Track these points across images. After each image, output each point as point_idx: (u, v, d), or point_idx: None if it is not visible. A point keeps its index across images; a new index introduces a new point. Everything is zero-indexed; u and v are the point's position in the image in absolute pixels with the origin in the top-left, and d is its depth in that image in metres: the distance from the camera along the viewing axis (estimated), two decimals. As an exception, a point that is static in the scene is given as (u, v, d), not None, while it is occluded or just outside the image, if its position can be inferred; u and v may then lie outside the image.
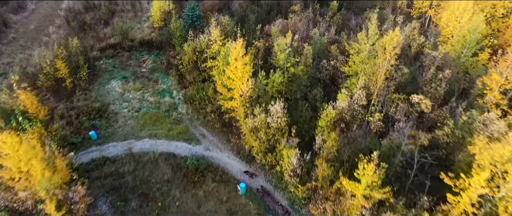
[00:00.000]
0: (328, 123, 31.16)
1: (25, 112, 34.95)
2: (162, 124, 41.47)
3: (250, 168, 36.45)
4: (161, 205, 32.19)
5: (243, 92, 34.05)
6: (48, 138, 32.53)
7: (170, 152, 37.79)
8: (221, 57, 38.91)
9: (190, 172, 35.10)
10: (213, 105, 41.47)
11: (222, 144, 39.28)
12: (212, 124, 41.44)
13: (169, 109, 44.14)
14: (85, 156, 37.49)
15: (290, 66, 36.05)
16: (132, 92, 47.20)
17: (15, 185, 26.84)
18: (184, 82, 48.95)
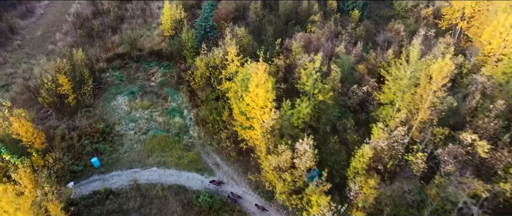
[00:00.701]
0: (364, 165, 26.88)
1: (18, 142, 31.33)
2: (172, 150, 37.52)
3: (271, 206, 32.34)
4: (171, 252, 28.32)
5: (265, 123, 29.90)
6: (43, 174, 28.73)
7: (181, 185, 33.88)
8: (238, 79, 34.84)
9: (203, 211, 31.10)
10: (229, 130, 37.41)
11: (238, 176, 35.24)
12: (226, 152, 37.37)
13: (179, 132, 40.17)
14: (86, 186, 33.80)
15: (317, 93, 31.78)
16: (139, 111, 43.37)
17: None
18: (196, 100, 44.98)
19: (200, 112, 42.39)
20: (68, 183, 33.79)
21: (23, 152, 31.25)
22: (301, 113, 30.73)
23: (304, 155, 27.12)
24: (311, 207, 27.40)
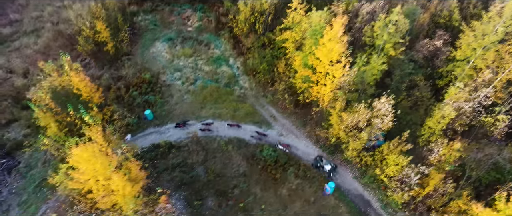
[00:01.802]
0: (444, 126, 26.33)
1: (78, 97, 29.88)
2: (225, 102, 36.50)
3: (333, 160, 32.41)
4: (244, 206, 28.71)
5: (337, 78, 28.58)
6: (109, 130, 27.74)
7: (240, 138, 33.42)
8: (298, 29, 32.74)
9: (269, 165, 31.06)
10: (285, 82, 36.06)
11: (297, 129, 34.78)
12: (282, 104, 36.46)
13: (229, 82, 38.80)
14: (144, 140, 33.22)
15: (389, 48, 30.09)
16: (182, 59, 41.38)
17: (101, 205, 23.14)
18: (241, 47, 42.91)
19: (248, 61, 40.63)
20: (125, 137, 33.19)
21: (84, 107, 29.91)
22: (375, 69, 29.31)
23: (384, 115, 26.38)
24: (386, 166, 27.44)
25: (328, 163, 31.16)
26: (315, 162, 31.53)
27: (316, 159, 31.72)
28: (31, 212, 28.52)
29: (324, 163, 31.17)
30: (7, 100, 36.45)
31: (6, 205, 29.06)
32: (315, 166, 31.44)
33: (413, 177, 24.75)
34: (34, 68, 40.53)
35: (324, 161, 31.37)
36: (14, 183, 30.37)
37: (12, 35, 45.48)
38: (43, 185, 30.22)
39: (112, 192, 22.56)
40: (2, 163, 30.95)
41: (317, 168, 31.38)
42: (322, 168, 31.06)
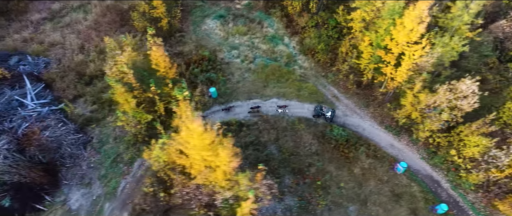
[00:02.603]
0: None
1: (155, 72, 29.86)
2: (288, 81, 36.57)
3: (400, 141, 32.90)
4: (321, 184, 29.35)
5: (415, 60, 28.63)
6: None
7: (308, 118, 33.75)
8: (369, 9, 32.45)
9: (341, 145, 31.53)
10: (348, 63, 36.06)
11: (360, 109, 35.08)
12: (344, 84, 36.62)
13: (288, 61, 38.77)
14: (211, 118, 33.46)
15: (465, 29, 30.02)
16: (237, 37, 41.14)
17: (198, 180, 23.60)
18: (294, 27, 42.62)
19: (304, 40, 40.46)
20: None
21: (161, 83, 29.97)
22: (455, 50, 29.37)
23: (467, 96, 26.67)
24: (464, 147, 27.95)
25: (328, 110, 33.12)
26: (316, 112, 33.24)
27: (316, 109, 33.39)
28: (112, 186, 29.04)
29: (325, 111, 33.02)
30: (67, 76, 36.30)
31: (88, 179, 29.56)
32: (316, 115, 33.20)
33: (504, 158, 25.31)
34: (89, 44, 40.31)
35: (325, 109, 33.19)
36: (91, 157, 30.74)
37: (60, 10, 44.89)
38: (118, 160, 30.67)
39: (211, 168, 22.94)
40: (78, 137, 31.19)
41: (318, 117, 33.18)
42: (324, 115, 32.93)
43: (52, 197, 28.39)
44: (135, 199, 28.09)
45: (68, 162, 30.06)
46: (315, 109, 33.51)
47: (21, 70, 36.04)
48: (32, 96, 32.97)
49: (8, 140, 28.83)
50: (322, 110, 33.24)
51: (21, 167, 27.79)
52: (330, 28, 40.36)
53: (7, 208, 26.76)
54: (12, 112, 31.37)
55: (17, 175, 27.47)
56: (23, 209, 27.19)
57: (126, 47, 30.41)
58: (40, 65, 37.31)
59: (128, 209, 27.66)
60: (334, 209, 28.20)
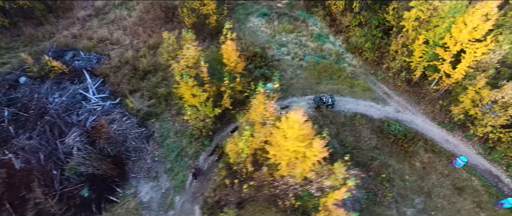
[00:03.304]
0: None
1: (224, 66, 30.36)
2: (340, 79, 37.26)
3: (454, 136, 33.66)
4: (386, 176, 30.00)
5: (477, 57, 29.48)
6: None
7: (363, 113, 34.40)
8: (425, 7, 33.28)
9: (399, 139, 32.22)
10: (398, 61, 36.81)
11: (411, 106, 35.85)
12: (394, 81, 37.40)
13: (337, 59, 39.48)
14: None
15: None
16: (284, 35, 41.77)
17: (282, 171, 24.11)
18: (338, 26, 43.37)
19: (349, 39, 41.21)
20: (251, 108, 33.85)
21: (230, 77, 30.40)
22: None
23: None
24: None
25: (328, 98, 33.69)
26: (316, 103, 33.73)
27: (316, 100, 33.92)
28: (180, 179, 29.36)
29: (325, 100, 33.56)
30: (120, 71, 36.57)
31: (154, 172, 29.84)
32: (317, 106, 33.71)
33: None
34: (137, 39, 40.67)
35: (325, 98, 33.73)
36: (154, 151, 31.03)
37: (103, 7, 45.22)
38: (183, 154, 31.01)
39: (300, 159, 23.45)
40: (141, 132, 31.49)
41: (319, 107, 33.70)
42: (325, 103, 33.45)
43: (123, 189, 28.65)
44: (205, 192, 28.45)
45: (133, 156, 30.32)
46: (314, 100, 33.93)
47: (76, 65, 36.28)
48: (93, 91, 33.21)
49: (80, 133, 29.07)
50: (322, 99, 33.62)
51: (93, 159, 28.04)
52: (373, 27, 41.24)
53: (86, 198, 27.00)
54: (77, 106, 31.59)
55: (91, 167, 27.70)
56: (99, 200, 27.42)
57: (190, 42, 30.85)
58: (92, 60, 37.57)
59: (199, 202, 28.01)
60: (400, 201, 28.85)
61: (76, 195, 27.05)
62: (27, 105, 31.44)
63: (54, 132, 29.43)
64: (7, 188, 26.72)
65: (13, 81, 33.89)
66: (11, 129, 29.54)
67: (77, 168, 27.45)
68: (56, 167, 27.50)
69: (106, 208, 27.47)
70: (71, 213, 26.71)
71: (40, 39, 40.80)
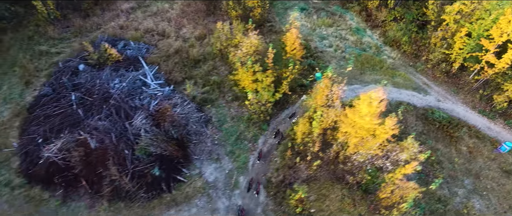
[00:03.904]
0: None
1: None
2: (382, 70, 38.95)
3: (495, 124, 35.46)
4: (435, 159, 31.64)
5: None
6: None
7: (407, 102, 36.07)
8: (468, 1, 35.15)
9: (444, 125, 33.94)
10: (437, 53, 38.60)
11: (451, 95, 37.64)
12: (432, 73, 39.21)
13: (376, 51, 41.21)
14: (318, 100, 35.44)
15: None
16: (323, 28, 43.45)
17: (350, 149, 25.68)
18: (373, 21, 45.15)
19: (386, 33, 42.98)
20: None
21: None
22: None
23: None
24: None
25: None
26: None
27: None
28: (242, 161, 30.74)
29: None
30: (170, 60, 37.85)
31: (216, 154, 31.18)
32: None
33: None
34: (182, 30, 42.07)
35: None
36: (214, 135, 32.39)
37: (144, 0, 46.42)
38: (242, 138, 32.41)
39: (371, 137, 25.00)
40: (200, 116, 32.84)
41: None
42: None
43: (188, 170, 29.95)
44: (268, 172, 29.87)
45: (194, 139, 31.62)
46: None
47: (128, 54, 37.54)
48: (151, 77, 34.50)
49: (145, 116, 30.35)
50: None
51: (160, 140, 29.31)
52: (408, 22, 43.11)
53: (156, 177, 28.26)
54: (138, 91, 32.87)
55: (159, 148, 28.97)
56: (168, 179, 28.69)
57: (251, 31, 32.45)
58: (142, 50, 38.83)
59: (263, 182, 29.40)
60: (451, 182, 30.51)
61: (147, 174, 28.29)
62: (90, 90, 32.67)
63: (121, 115, 30.68)
64: (84, 166, 27.93)
65: (74, 68, 35.07)
66: (80, 112, 30.73)
67: (147, 148, 28.71)
68: (127, 147, 28.73)
69: (175, 187, 28.76)
70: (143, 190, 27.95)
71: (88, 30, 41.99)
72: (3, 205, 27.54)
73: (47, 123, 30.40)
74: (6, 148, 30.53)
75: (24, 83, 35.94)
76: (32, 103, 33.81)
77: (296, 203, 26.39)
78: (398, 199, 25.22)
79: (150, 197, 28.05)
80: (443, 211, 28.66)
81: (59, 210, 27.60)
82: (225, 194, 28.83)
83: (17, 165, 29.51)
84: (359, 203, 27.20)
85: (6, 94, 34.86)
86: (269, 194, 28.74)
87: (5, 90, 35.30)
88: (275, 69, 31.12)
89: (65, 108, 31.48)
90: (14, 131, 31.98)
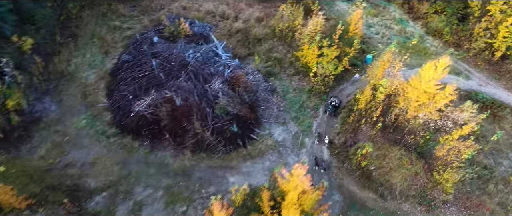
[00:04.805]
0: None
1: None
2: (426, 56, 42.29)
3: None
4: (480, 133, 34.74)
5: None
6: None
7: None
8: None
9: (487, 105, 37.12)
10: (480, 42, 41.86)
11: (492, 81, 40.80)
12: (473, 60, 42.50)
13: (419, 40, 44.60)
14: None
15: None
16: (369, 18, 46.96)
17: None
18: (415, 13, 48.62)
19: (428, 24, 46.42)
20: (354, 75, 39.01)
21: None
22: None
23: None
24: None
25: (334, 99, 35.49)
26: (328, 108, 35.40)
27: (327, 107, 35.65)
28: (306, 125, 34.21)
29: (336, 102, 35.28)
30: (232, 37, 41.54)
31: (282, 119, 34.68)
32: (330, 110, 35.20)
33: None
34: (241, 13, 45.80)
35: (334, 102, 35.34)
36: (279, 103, 35.90)
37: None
38: (304, 106, 35.93)
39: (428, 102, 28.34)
40: (267, 85, 36.38)
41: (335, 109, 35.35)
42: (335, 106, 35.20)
43: (259, 130, 33.41)
44: (329, 135, 33.30)
45: (262, 105, 35.13)
46: (326, 107, 35.40)
47: (195, 30, 41.31)
48: (221, 49, 38.19)
49: (222, 81, 33.97)
50: (333, 104, 35.22)
51: (235, 102, 32.88)
52: (449, 15, 46.51)
53: (234, 133, 31.78)
54: (212, 61, 36.54)
55: (235, 109, 32.51)
56: (243, 136, 32.19)
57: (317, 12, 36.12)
58: (206, 28, 42.58)
59: (325, 143, 32.80)
60: (496, 154, 33.67)
61: (226, 130, 31.80)
62: (168, 58, 36.37)
63: (199, 79, 34.35)
64: (170, 120, 31.52)
65: (150, 39, 38.88)
66: (162, 76, 34.44)
67: (226, 107, 32.28)
68: (208, 105, 32.31)
69: (249, 144, 32.24)
70: (222, 144, 31.45)
71: (153, 9, 45.81)
72: (103, 149, 31.24)
73: (135, 83, 34.12)
74: (99, 104, 34.29)
75: (103, 52, 39.80)
76: (113, 68, 37.63)
77: (361, 158, 29.68)
78: (452, 158, 28.47)
79: (228, 151, 31.54)
80: (490, 177, 31.76)
81: (148, 157, 31.20)
82: (294, 151, 32.26)
83: (110, 118, 33.21)
84: (415, 162, 30.44)
85: (90, 61, 38.71)
86: (332, 154, 32.13)
87: (89, 57, 39.14)
88: (339, 46, 34.55)
89: (148, 71, 35.17)
90: (101, 91, 35.79)
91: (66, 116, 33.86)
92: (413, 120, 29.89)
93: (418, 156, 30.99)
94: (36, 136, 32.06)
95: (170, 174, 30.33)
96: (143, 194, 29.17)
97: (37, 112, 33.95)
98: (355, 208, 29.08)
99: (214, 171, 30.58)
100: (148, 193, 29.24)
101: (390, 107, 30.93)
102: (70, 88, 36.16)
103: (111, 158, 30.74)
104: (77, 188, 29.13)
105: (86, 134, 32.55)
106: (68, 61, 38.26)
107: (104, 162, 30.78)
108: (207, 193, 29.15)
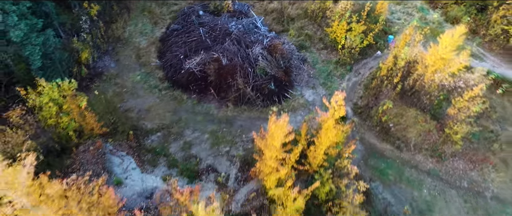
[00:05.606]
0: None
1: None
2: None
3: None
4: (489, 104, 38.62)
5: None
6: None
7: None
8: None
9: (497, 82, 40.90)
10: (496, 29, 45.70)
11: (505, 64, 44.49)
12: (489, 46, 46.28)
13: (438, 26, 48.64)
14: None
15: None
16: (392, 5, 51.24)
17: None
18: (435, 3, 52.67)
19: (447, 13, 50.42)
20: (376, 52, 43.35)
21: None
22: None
23: None
24: None
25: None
26: None
27: None
28: (333, 90, 38.66)
29: None
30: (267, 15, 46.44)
31: (312, 84, 39.29)
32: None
33: None
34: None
35: None
36: (309, 71, 40.53)
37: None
38: (332, 74, 40.44)
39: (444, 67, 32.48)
40: (299, 55, 41.10)
41: None
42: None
43: (292, 91, 38.11)
44: (354, 99, 37.76)
45: (295, 71, 39.82)
46: None
47: (235, 7, 46.45)
48: (260, 23, 43.17)
49: (261, 47, 38.87)
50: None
51: (273, 66, 37.68)
52: (468, 5, 50.42)
53: (271, 90, 36.59)
54: (252, 32, 41.52)
55: (272, 70, 37.31)
56: (278, 94, 36.94)
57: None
58: (244, 6, 47.66)
59: (350, 105, 37.24)
60: (503, 122, 37.44)
61: (264, 88, 36.61)
62: (213, 28, 41.51)
63: (241, 45, 39.30)
64: (217, 77, 36.53)
65: (196, 12, 44.21)
66: (209, 41, 39.58)
67: (264, 69, 37.12)
68: (249, 66, 37.22)
69: (284, 101, 36.97)
70: (260, 99, 36.25)
71: (194, -10, 51.22)
72: (156, 100, 36.50)
73: (185, 46, 39.36)
74: (151, 63, 39.66)
75: (153, 23, 45.36)
76: (162, 36, 43.09)
77: (381, 114, 34.00)
78: (463, 118, 32.47)
79: (265, 105, 36.31)
80: (495, 139, 35.58)
81: (195, 107, 36.26)
82: (322, 110, 36.68)
83: (161, 74, 38.52)
84: (429, 121, 34.54)
85: (142, 30, 44.26)
86: (356, 113, 36.57)
87: (140, 26, 44.70)
88: (366, 22, 39.06)
89: (196, 37, 40.39)
90: (153, 54, 41.21)
91: (123, 72, 39.39)
92: (429, 85, 34.03)
93: (432, 116, 35.06)
94: (101, 86, 37.56)
95: (215, 122, 35.26)
96: (192, 136, 34.12)
97: (100, 68, 39.57)
98: (375, 156, 33.39)
99: (253, 121, 35.34)
100: (196, 135, 34.19)
101: (409, 73, 35.16)
102: (125, 50, 41.77)
103: (163, 107, 35.93)
104: (136, 128, 34.31)
105: (141, 87, 37.93)
106: (123, 29, 43.94)
107: (157, 109, 35.96)
108: (247, 137, 33.91)
